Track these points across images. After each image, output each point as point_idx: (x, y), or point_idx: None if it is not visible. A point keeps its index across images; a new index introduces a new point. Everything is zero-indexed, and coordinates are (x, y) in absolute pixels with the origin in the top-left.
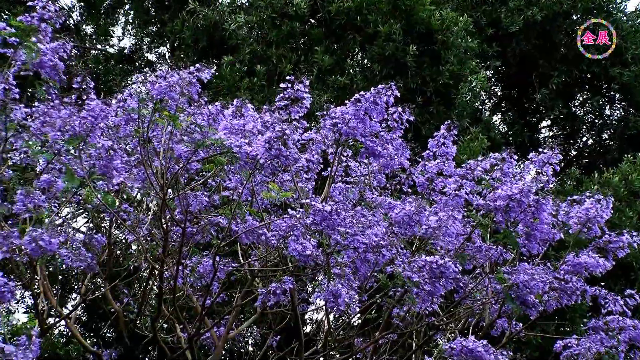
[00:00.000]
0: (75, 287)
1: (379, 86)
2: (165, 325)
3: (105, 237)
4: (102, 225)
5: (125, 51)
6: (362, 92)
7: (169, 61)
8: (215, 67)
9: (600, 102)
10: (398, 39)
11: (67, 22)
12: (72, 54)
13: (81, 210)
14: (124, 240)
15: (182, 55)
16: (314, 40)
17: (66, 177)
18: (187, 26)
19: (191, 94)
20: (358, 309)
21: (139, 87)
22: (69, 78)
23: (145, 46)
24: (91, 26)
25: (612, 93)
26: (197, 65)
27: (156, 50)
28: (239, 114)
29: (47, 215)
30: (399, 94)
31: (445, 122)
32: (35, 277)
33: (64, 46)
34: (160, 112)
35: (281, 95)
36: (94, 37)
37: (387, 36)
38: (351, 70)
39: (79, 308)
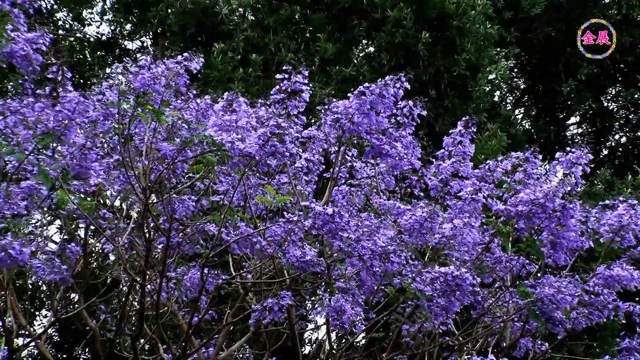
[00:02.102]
0: (46, 302)
1: (387, 77)
2: (147, 346)
3: (80, 247)
4: (77, 233)
5: (103, 38)
6: (366, 84)
7: (151, 49)
8: (204, 56)
9: (635, 95)
10: (409, 25)
11: (39, 7)
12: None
13: (52, 217)
14: (100, 250)
15: (167, 43)
16: (316, 27)
17: (39, 177)
18: (173, 11)
19: (178, 87)
20: (363, 327)
21: (118, 78)
22: (43, 68)
23: (125, 33)
24: (65, 11)
25: None
26: (185, 54)
27: (138, 37)
28: (230, 108)
29: (21, 224)
30: (409, 86)
31: (463, 119)
32: (2, 292)
33: (42, 37)
34: (143, 107)
35: (277, 87)
36: (67, 23)
37: (397, 22)
38: (357, 60)
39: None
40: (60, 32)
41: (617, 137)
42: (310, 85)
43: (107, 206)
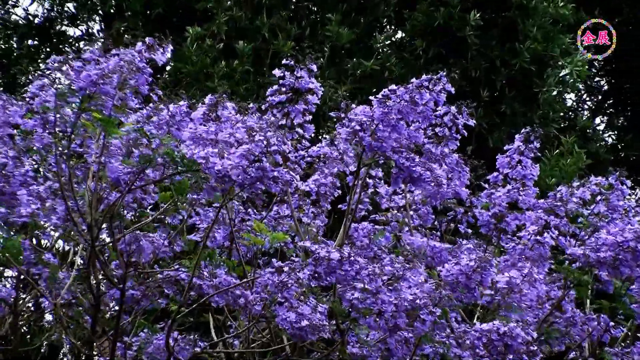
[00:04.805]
0: None
1: (423, 77)
2: None
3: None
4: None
5: (36, 22)
6: (392, 87)
7: (101, 36)
8: (175, 45)
9: None
10: (453, 2)
11: None
12: None
13: None
14: (34, 308)
15: (124, 28)
16: (326, 5)
17: None
18: None
19: (138, 86)
20: None
21: (56, 75)
22: None
23: (66, 15)
24: None
25: None
26: (148, 39)
27: (83, 21)
28: (212, 115)
29: None
30: (452, 88)
31: (523, 130)
32: None
33: None
34: (89, 114)
35: (275, 87)
36: None
37: None
38: (381, 50)
39: None
40: None
41: None
42: (320, 83)
43: (44, 247)
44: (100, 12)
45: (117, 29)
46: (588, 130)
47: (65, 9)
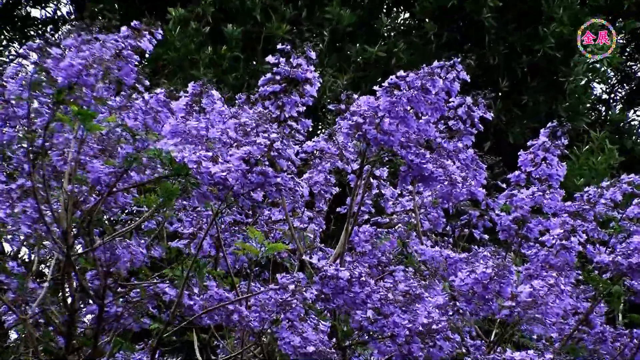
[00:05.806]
0: None
1: (435, 64)
2: None
3: None
4: None
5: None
6: (401, 73)
7: (73, 19)
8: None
9: None
10: None
11: None
12: None
13: None
14: None
15: (98, 10)
16: None
17: None
18: None
19: (122, 76)
20: None
21: (28, 64)
22: None
23: None
24: None
25: None
26: (134, 22)
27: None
28: (197, 106)
29: None
30: (468, 77)
31: (549, 124)
32: None
33: None
34: (66, 106)
35: (269, 76)
36: None
37: None
38: (387, 35)
39: None
40: None
41: None
42: (318, 71)
43: (8, 255)
44: None
45: (92, 12)
46: (621, 124)
47: None
